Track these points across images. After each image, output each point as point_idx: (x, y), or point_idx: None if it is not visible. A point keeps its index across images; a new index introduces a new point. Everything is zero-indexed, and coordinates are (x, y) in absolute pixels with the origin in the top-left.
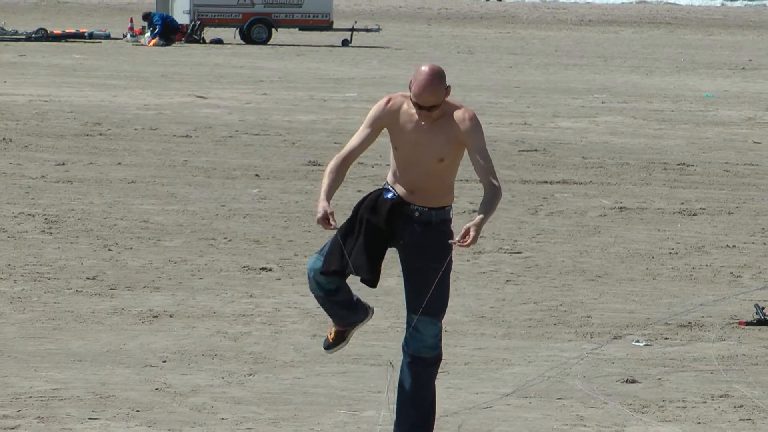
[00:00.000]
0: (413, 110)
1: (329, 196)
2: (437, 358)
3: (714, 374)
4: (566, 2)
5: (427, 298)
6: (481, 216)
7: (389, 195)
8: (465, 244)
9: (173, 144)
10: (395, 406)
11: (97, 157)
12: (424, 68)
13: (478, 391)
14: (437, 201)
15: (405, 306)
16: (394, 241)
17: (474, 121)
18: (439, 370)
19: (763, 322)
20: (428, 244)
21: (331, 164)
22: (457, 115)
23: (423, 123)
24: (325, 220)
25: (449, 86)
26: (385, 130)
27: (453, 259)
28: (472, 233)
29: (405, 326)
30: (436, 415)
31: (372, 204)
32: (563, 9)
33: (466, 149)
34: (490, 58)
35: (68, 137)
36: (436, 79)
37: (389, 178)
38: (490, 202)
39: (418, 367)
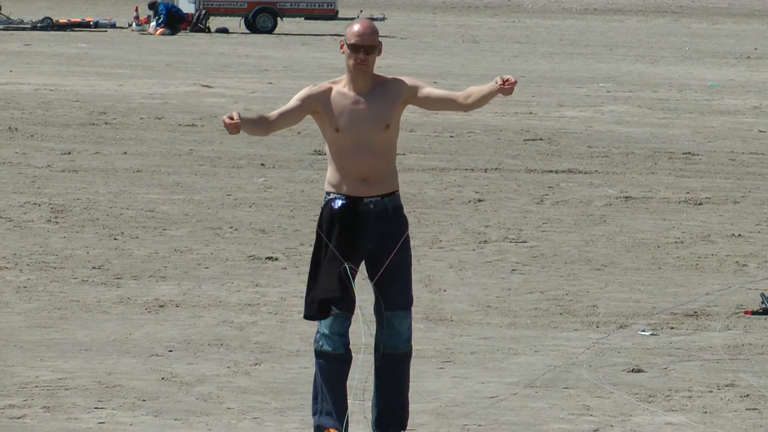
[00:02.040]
0: (345, 89)
1: (245, 117)
2: (411, 351)
3: (720, 363)
4: None
5: (397, 291)
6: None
7: (338, 203)
8: (510, 84)
9: (179, 133)
10: (372, 404)
11: (102, 147)
12: (356, 20)
13: (484, 380)
14: (387, 185)
15: (375, 306)
16: (362, 254)
17: (408, 77)
18: (445, 360)
19: None
20: (390, 237)
21: (265, 113)
22: (389, 80)
23: (359, 95)
24: (230, 116)
25: (381, 42)
26: (314, 126)
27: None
28: (511, 77)
29: (377, 326)
30: (442, 404)
31: (329, 224)
32: None
33: (407, 104)
34: (495, 48)
35: (74, 126)
36: (372, 24)
37: (333, 181)
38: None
39: (395, 364)
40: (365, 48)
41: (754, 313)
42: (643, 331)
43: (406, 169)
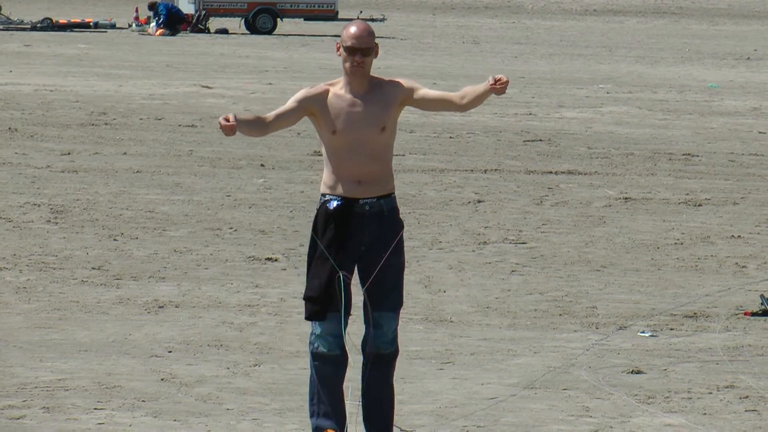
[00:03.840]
0: (342, 91)
1: (241, 118)
2: (396, 353)
3: (719, 365)
4: None
5: (387, 293)
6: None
7: (334, 204)
8: (502, 83)
9: (178, 134)
10: (361, 404)
11: (102, 147)
12: (353, 22)
13: (484, 381)
14: (383, 187)
15: (364, 305)
16: (356, 255)
17: (404, 78)
18: (445, 361)
19: None
20: (385, 240)
21: (261, 114)
22: (386, 82)
23: (356, 98)
24: (225, 118)
25: (378, 44)
26: (313, 127)
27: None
28: (503, 77)
29: (364, 326)
30: (442, 405)
31: (324, 224)
32: None
33: (404, 106)
34: (495, 48)
35: (74, 127)
36: (368, 26)
37: (329, 182)
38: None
39: (380, 365)
40: (362, 51)
41: (753, 314)
42: (643, 332)
43: (406, 169)
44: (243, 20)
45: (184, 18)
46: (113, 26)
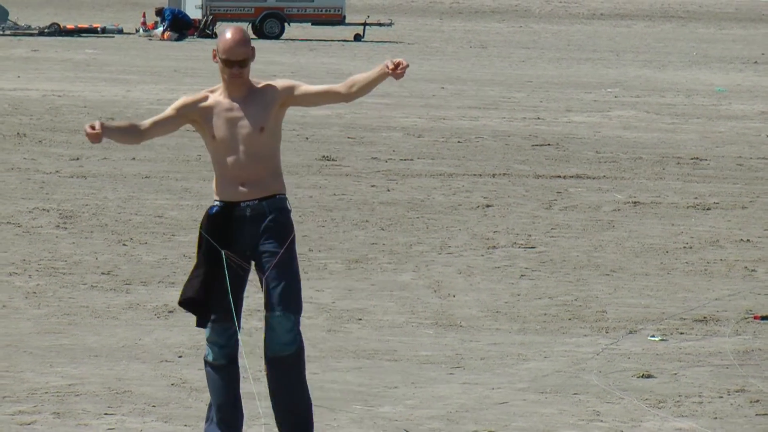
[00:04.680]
0: (221, 97)
1: (110, 125)
2: (298, 354)
3: (730, 369)
4: None
5: (279, 292)
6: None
7: (214, 209)
8: (402, 67)
9: (187, 139)
10: (273, 411)
11: (111, 152)
12: (227, 29)
13: (494, 386)
14: (267, 188)
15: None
16: (243, 257)
17: (281, 80)
18: (455, 365)
19: None
20: (268, 237)
21: (136, 121)
22: (264, 85)
23: (234, 102)
24: (90, 126)
25: (254, 47)
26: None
27: (297, 249)
28: (403, 61)
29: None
30: (452, 410)
31: (205, 232)
32: (575, 3)
33: (286, 107)
34: (503, 53)
35: (82, 132)
36: (242, 34)
37: (216, 187)
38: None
39: (282, 370)
40: (239, 62)
41: (763, 318)
42: (653, 336)
43: (414, 174)
44: (250, 25)
45: (191, 23)
46: (120, 31)
